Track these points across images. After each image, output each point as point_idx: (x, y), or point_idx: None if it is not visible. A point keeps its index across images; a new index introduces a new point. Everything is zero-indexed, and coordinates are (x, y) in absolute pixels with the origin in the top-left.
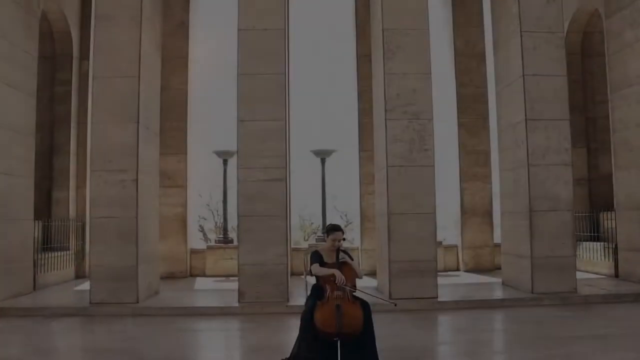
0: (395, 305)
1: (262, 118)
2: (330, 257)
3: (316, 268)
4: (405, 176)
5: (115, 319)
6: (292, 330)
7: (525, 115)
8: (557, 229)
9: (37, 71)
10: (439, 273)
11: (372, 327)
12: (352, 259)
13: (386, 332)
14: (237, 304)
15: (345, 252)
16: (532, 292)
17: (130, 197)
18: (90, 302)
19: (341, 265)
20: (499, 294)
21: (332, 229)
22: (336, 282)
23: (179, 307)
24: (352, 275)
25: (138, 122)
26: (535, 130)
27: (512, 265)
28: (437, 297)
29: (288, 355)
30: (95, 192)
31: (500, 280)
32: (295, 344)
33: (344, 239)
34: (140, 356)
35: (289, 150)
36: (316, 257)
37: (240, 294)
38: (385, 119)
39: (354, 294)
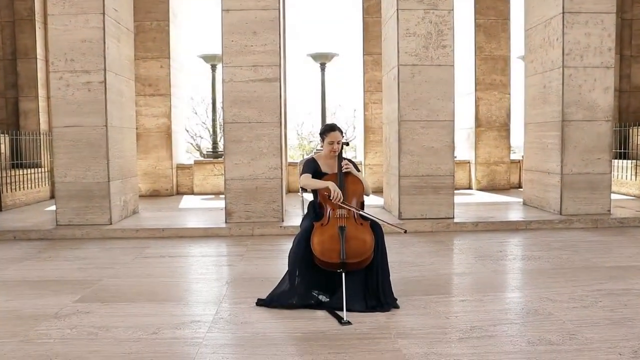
0: (405, 232)
1: (250, 6)
2: (330, 166)
3: (306, 179)
4: (420, 77)
5: (83, 243)
6: (287, 255)
7: (563, 8)
8: (592, 141)
9: None
10: None
11: (385, 255)
12: (359, 170)
13: (395, 259)
14: (224, 225)
15: (350, 161)
16: (561, 214)
17: (98, 102)
18: (57, 224)
19: (345, 177)
20: (522, 214)
21: (328, 129)
22: (331, 198)
23: (156, 228)
24: (358, 189)
25: (104, 14)
26: (573, 25)
27: (536, 183)
28: (453, 218)
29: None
30: (57, 97)
31: (520, 199)
32: (284, 276)
33: (345, 144)
34: (96, 290)
35: (283, 45)
36: (310, 166)
37: (228, 213)
38: (397, 10)
39: (361, 213)
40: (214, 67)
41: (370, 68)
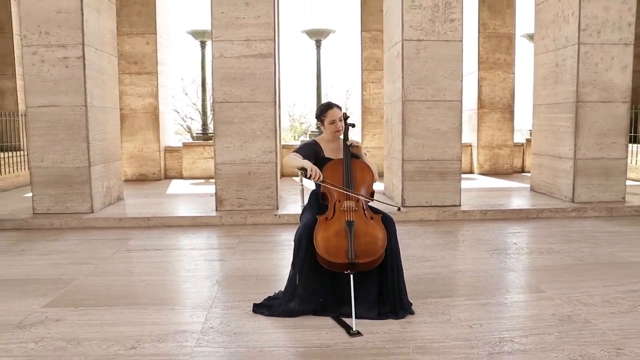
0: (399, 209)
1: None
2: (335, 150)
3: (289, 157)
4: (425, 53)
5: (62, 233)
6: (283, 248)
7: None
8: (607, 124)
9: None
10: None
11: (399, 253)
12: (365, 154)
13: (402, 252)
14: (214, 213)
15: (356, 144)
16: (573, 201)
17: (76, 79)
18: (34, 213)
19: (353, 164)
20: (532, 202)
21: (324, 108)
22: (308, 175)
23: (141, 217)
24: (367, 177)
25: None
26: None
27: (545, 168)
28: (460, 206)
29: (281, 288)
30: (30, 75)
31: (526, 185)
32: (289, 277)
33: (351, 125)
34: (70, 291)
35: (277, 18)
36: (309, 149)
37: (219, 200)
38: None
39: (370, 204)
40: (203, 44)
41: (369, 45)
